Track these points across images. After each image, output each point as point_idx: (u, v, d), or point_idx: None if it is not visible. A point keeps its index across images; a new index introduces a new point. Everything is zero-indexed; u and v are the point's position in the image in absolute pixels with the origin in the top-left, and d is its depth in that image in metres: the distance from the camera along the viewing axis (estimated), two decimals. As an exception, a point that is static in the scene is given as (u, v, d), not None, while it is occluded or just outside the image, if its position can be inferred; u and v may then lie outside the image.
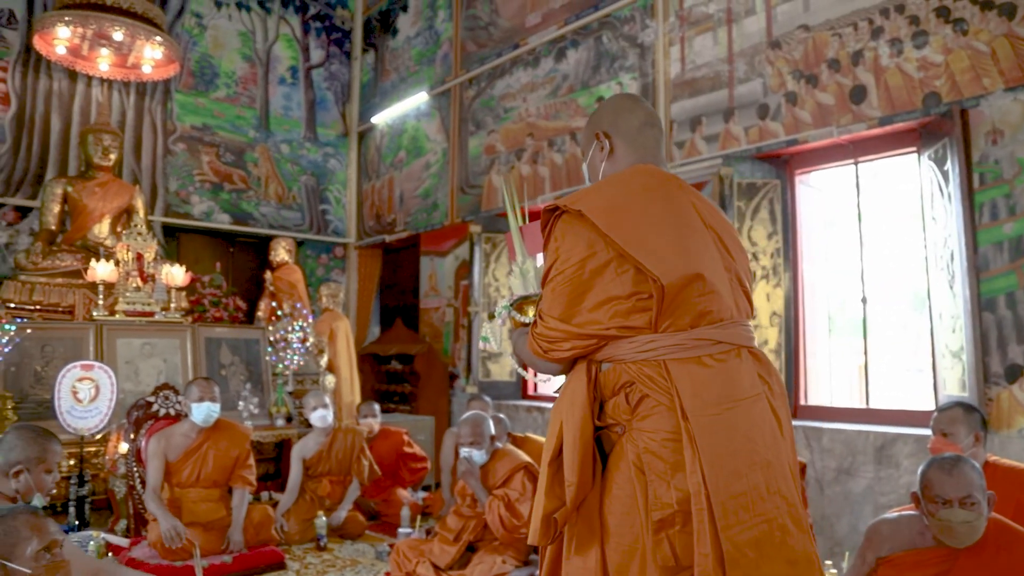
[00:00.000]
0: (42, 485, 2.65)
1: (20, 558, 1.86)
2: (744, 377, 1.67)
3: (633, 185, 1.76)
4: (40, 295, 6.42)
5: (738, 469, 1.57)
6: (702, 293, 1.65)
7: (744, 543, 1.53)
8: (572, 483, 1.65)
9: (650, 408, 1.64)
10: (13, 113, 7.46)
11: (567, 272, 1.69)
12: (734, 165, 5.22)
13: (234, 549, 4.17)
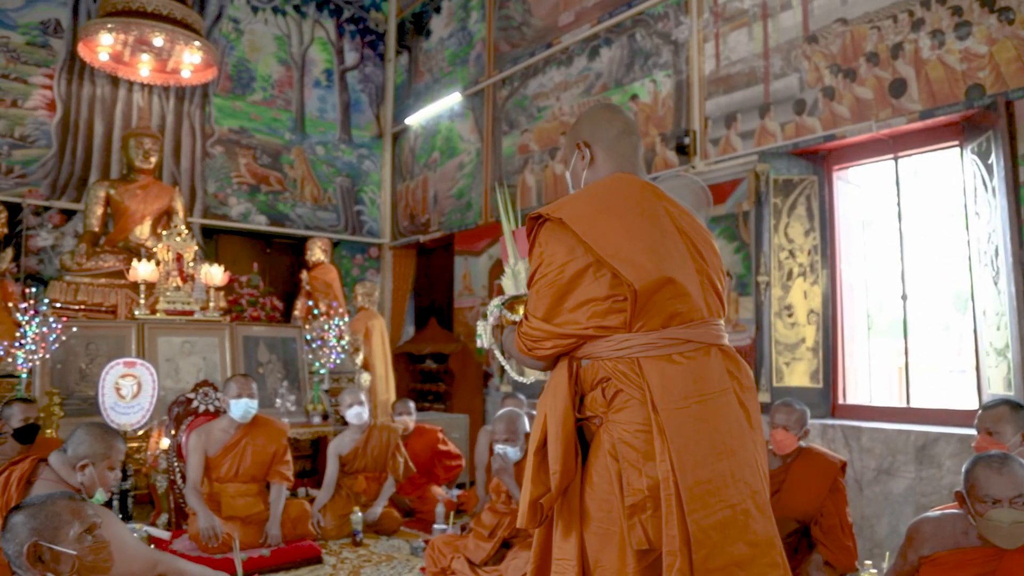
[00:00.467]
0: (105, 481, 2.74)
1: (64, 541, 1.92)
2: (713, 373, 1.79)
3: (611, 194, 1.87)
4: (84, 295, 6.57)
5: (704, 458, 1.70)
6: (673, 296, 1.78)
7: (709, 526, 1.66)
8: (556, 471, 1.78)
9: (624, 402, 1.77)
10: (59, 119, 7.66)
11: (549, 276, 1.82)
12: (770, 161, 5.16)
13: (272, 543, 4.23)
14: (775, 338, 5.14)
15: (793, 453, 3.66)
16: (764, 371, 5.13)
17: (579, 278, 1.80)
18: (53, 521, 1.91)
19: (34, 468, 2.83)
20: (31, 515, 1.90)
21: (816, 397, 5.02)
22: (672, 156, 5.91)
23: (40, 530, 1.88)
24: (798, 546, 3.58)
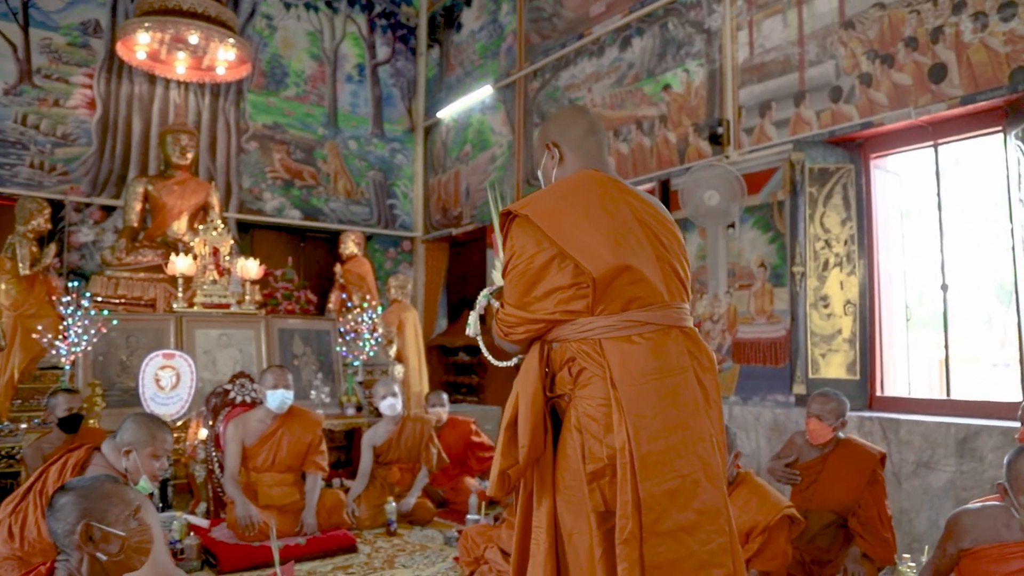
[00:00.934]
0: (150, 468, 2.81)
1: (113, 522, 1.98)
2: (671, 353, 1.93)
3: (573, 190, 2.02)
4: (124, 289, 6.71)
5: (658, 431, 1.85)
6: (631, 282, 1.92)
7: (660, 493, 1.82)
8: (524, 445, 1.93)
9: (588, 379, 1.93)
10: (99, 117, 7.82)
11: (520, 266, 1.98)
12: (805, 150, 5.08)
13: (307, 532, 4.29)
14: (811, 329, 5.07)
15: (830, 444, 3.61)
16: (800, 363, 5.06)
17: (546, 268, 1.95)
18: (102, 503, 1.97)
19: (88, 456, 2.93)
20: (81, 496, 1.96)
21: (853, 389, 4.95)
22: (705, 146, 5.85)
23: (91, 511, 1.94)
24: (835, 538, 3.54)
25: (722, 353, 5.74)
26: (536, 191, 2.11)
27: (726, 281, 5.75)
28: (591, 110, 2.04)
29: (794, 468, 3.71)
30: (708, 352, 2.04)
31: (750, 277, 5.56)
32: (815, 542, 3.53)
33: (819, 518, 3.53)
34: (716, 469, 1.92)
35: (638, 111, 6.53)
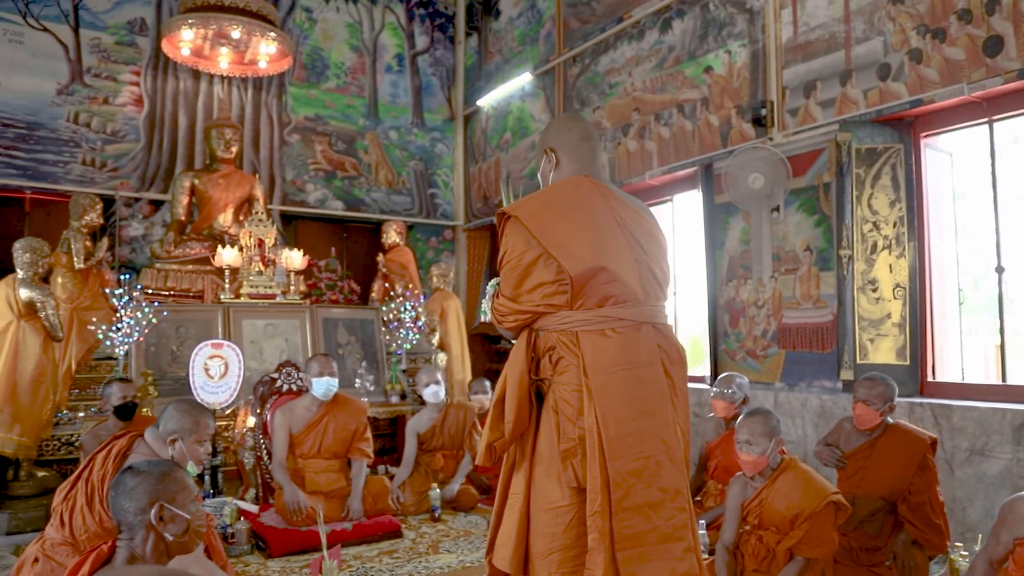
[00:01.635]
0: (195, 454, 2.88)
1: (181, 506, 2.07)
2: (642, 346, 2.14)
3: (561, 195, 2.24)
4: (173, 281, 6.88)
5: (625, 416, 2.06)
6: (606, 281, 2.13)
7: (627, 472, 2.03)
8: (510, 421, 2.18)
9: (565, 367, 2.15)
10: (146, 113, 8.00)
11: (511, 262, 2.21)
12: (852, 130, 4.96)
13: (353, 517, 4.36)
14: (859, 314, 4.96)
15: (878, 429, 3.54)
16: (847, 348, 4.96)
17: (533, 265, 2.17)
18: (173, 486, 2.06)
19: (131, 443, 3.00)
20: (156, 478, 2.04)
21: (903, 375, 4.83)
22: (748, 129, 5.75)
23: (163, 492, 2.03)
24: (884, 524, 3.47)
25: (767, 339, 5.66)
26: (532, 193, 2.32)
27: (771, 266, 5.65)
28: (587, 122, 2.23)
29: (842, 454, 3.65)
30: (678, 346, 2.27)
31: (795, 261, 5.46)
32: (863, 528, 3.47)
33: (867, 504, 3.46)
34: (678, 452, 2.13)
35: (679, 94, 6.44)
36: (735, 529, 3.20)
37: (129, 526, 2.00)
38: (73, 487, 3.01)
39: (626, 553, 2.00)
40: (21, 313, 4.77)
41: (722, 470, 4.17)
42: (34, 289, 4.81)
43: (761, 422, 3.07)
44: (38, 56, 7.45)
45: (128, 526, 2.00)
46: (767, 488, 3.09)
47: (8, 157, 7.28)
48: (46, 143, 7.47)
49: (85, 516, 2.83)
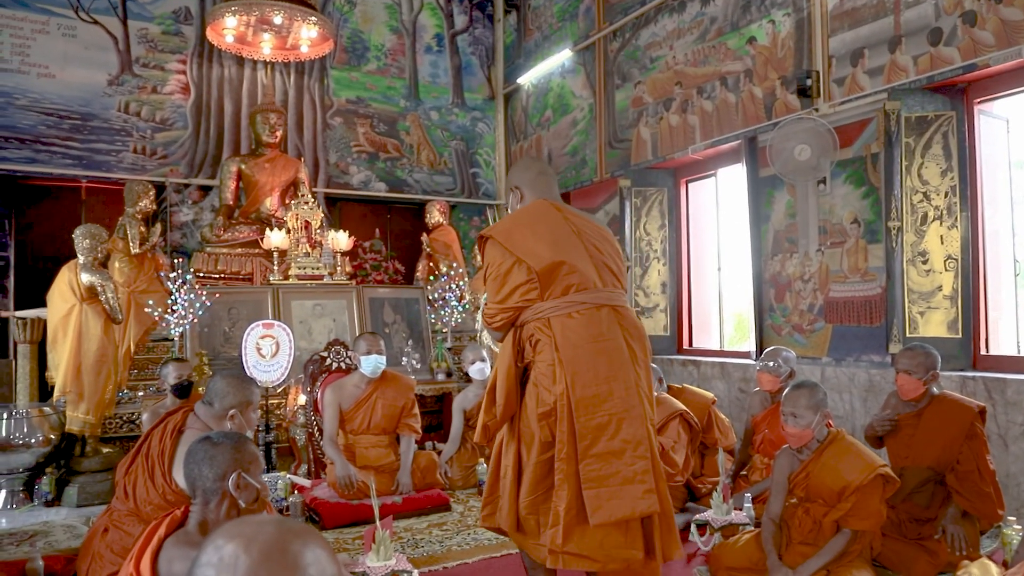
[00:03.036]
0: (251, 423, 3.00)
1: (253, 475, 2.18)
2: (603, 323, 2.57)
3: (525, 215, 2.74)
4: (223, 264, 7.06)
5: (589, 381, 2.47)
6: (567, 273, 2.58)
7: (592, 426, 2.45)
8: (500, 404, 2.61)
9: (541, 348, 2.57)
10: (193, 101, 8.17)
11: (493, 273, 2.68)
12: (901, 99, 4.84)
13: (403, 491, 4.46)
14: (908, 286, 4.88)
15: (923, 399, 3.50)
16: (896, 321, 4.89)
17: (509, 271, 2.63)
18: (248, 456, 2.17)
19: (185, 419, 3.12)
20: (235, 448, 2.15)
21: (955, 348, 4.74)
22: (793, 100, 5.65)
23: (241, 461, 2.14)
24: (933, 495, 3.44)
25: (813, 313, 5.59)
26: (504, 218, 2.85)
27: (817, 239, 5.57)
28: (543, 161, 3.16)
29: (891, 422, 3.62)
30: (635, 322, 2.70)
31: (843, 234, 5.38)
32: (912, 500, 3.44)
33: (915, 475, 3.43)
34: (639, 411, 2.51)
35: (722, 67, 6.35)
36: (782, 502, 3.20)
37: (205, 492, 2.10)
38: (133, 462, 3.15)
39: (591, 491, 2.39)
40: (83, 297, 4.95)
41: (768, 443, 4.16)
42: (94, 273, 4.98)
43: (807, 395, 3.06)
44: (90, 48, 7.66)
45: (204, 492, 2.10)
46: (814, 461, 3.08)
47: (64, 147, 7.52)
48: (99, 133, 7.69)
49: (148, 489, 2.96)
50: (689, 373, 6.68)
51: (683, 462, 3.96)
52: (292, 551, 0.98)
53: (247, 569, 0.94)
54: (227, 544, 0.98)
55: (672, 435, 3.96)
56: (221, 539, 0.99)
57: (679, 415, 4.03)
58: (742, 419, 5.30)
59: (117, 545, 2.89)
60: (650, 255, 7.36)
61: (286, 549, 0.98)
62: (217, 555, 0.97)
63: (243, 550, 0.96)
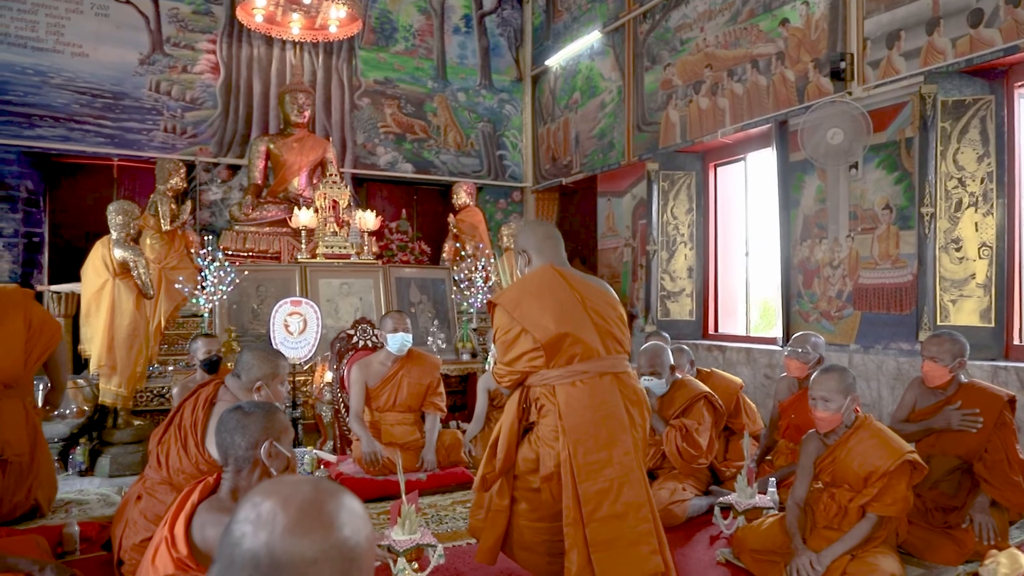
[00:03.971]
0: (279, 395, 3.03)
1: (285, 445, 2.22)
2: (604, 392, 2.71)
3: (532, 283, 2.84)
4: (252, 243, 7.13)
5: (591, 448, 2.62)
6: (571, 344, 2.70)
7: (594, 492, 2.58)
8: (500, 459, 2.82)
9: (545, 412, 2.74)
10: (222, 80, 8.23)
11: (502, 337, 2.83)
12: (938, 82, 4.75)
13: (427, 468, 4.50)
14: (940, 274, 4.81)
15: (950, 387, 3.46)
16: (927, 309, 4.82)
17: (516, 339, 2.77)
18: (280, 426, 2.21)
19: (216, 391, 3.17)
20: (266, 417, 2.19)
21: (987, 337, 4.68)
22: (826, 83, 5.57)
23: (272, 431, 2.18)
24: (960, 484, 3.41)
25: (842, 300, 5.54)
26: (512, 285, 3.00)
27: (847, 224, 5.51)
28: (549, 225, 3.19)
29: (914, 414, 3.59)
30: (635, 389, 2.84)
31: (874, 220, 5.31)
32: (939, 488, 3.42)
33: (942, 464, 3.40)
34: (637, 475, 2.65)
35: (754, 49, 6.27)
36: (807, 486, 3.19)
37: (237, 460, 2.14)
38: (166, 432, 3.21)
39: (600, 555, 2.51)
40: (116, 272, 5.03)
41: (794, 429, 4.14)
42: (127, 249, 5.06)
43: (837, 379, 3.04)
44: (122, 28, 7.73)
45: (236, 460, 2.14)
46: (841, 446, 3.06)
47: (97, 126, 7.61)
48: (131, 112, 7.78)
49: (181, 458, 3.02)
50: (714, 358, 6.65)
51: (707, 444, 3.96)
52: (328, 510, 1.00)
53: (284, 527, 0.97)
54: (264, 501, 1.00)
55: (696, 417, 3.95)
56: (259, 496, 1.01)
57: (703, 397, 4.02)
58: (767, 405, 5.27)
59: (150, 512, 2.96)
60: (677, 239, 7.32)
61: (322, 508, 1.00)
62: (255, 512, 0.99)
63: (280, 508, 0.98)
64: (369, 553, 1.03)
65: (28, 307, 3.75)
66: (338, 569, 0.98)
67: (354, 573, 1.00)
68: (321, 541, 0.97)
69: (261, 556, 0.96)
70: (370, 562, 1.04)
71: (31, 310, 3.76)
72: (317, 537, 0.97)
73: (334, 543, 0.98)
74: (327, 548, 0.97)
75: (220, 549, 1.00)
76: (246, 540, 0.97)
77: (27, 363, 3.71)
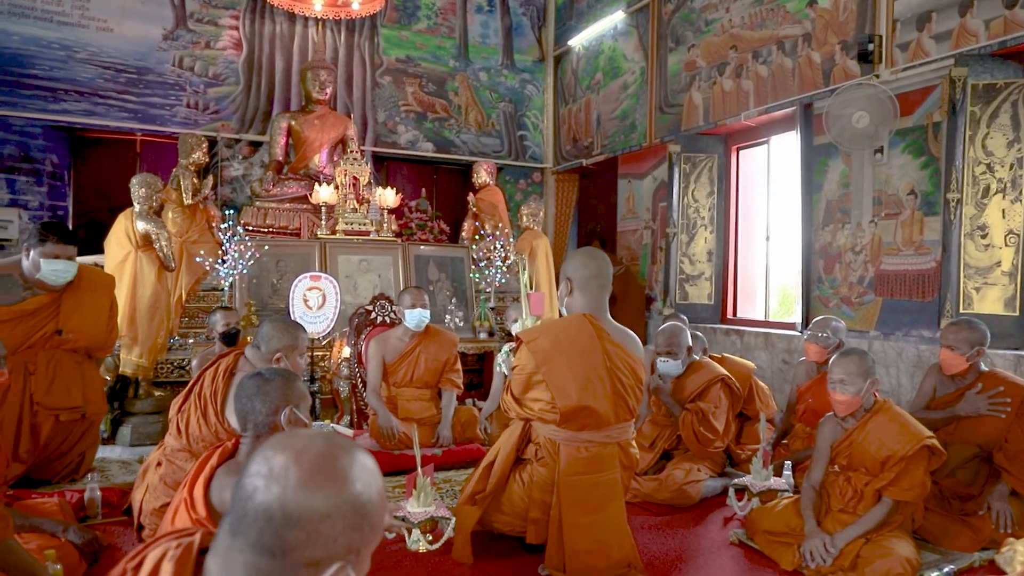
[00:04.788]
0: (297, 367, 3.05)
1: (303, 412, 2.25)
2: (604, 461, 2.84)
3: (565, 335, 2.86)
4: (272, 219, 7.16)
5: (582, 511, 2.77)
6: (587, 415, 2.79)
7: (581, 550, 2.74)
8: (492, 482, 2.98)
9: (544, 463, 2.89)
10: (245, 57, 8.24)
11: (522, 374, 2.90)
12: (970, 65, 4.67)
13: (443, 444, 4.53)
14: (965, 261, 4.75)
15: (969, 375, 3.42)
16: (950, 296, 4.77)
17: (537, 384, 2.86)
18: (298, 393, 2.24)
19: (236, 361, 3.20)
20: (286, 384, 2.21)
21: (1012, 326, 4.62)
22: (853, 66, 5.48)
23: (291, 397, 2.20)
24: (978, 473, 3.38)
25: (863, 286, 5.48)
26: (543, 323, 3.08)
27: (871, 210, 5.44)
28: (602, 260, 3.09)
29: (934, 402, 3.56)
30: (632, 457, 2.98)
31: (898, 205, 5.24)
32: (956, 476, 3.39)
33: (960, 452, 3.37)
34: (625, 538, 2.84)
35: (780, 30, 6.18)
36: (823, 469, 3.18)
37: (256, 426, 2.16)
38: (186, 400, 3.26)
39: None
40: (138, 244, 5.08)
41: (811, 413, 4.11)
42: (149, 221, 5.10)
43: (857, 362, 3.01)
44: (145, 3, 7.76)
45: (256, 426, 2.16)
46: (858, 429, 3.04)
47: (121, 101, 7.67)
48: (154, 87, 7.82)
49: (200, 426, 3.06)
50: (732, 343, 6.62)
51: (723, 427, 3.94)
52: (341, 465, 1.00)
53: (296, 480, 0.97)
54: (277, 455, 1.00)
55: (713, 399, 3.94)
56: (271, 450, 1.01)
57: (721, 380, 4.01)
58: (784, 390, 5.24)
59: (170, 478, 3.00)
60: (697, 222, 7.27)
61: (335, 463, 1.00)
62: (267, 465, 0.99)
63: (293, 462, 0.99)
64: (381, 508, 1.04)
65: (112, 289, 4.16)
66: (350, 523, 0.98)
67: (366, 528, 1.00)
68: (334, 496, 0.98)
69: (274, 510, 0.96)
70: (381, 517, 1.04)
71: (114, 294, 4.16)
72: (330, 491, 0.98)
73: (347, 498, 0.98)
74: (340, 503, 0.98)
75: (233, 502, 1.01)
76: (258, 494, 0.97)
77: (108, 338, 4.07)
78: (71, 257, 3.71)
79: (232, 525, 0.99)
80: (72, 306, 3.79)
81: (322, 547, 0.97)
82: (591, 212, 9.53)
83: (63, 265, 3.67)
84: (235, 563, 0.98)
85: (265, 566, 0.96)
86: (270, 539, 0.96)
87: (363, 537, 1.00)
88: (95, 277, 4.04)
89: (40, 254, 3.61)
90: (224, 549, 1.00)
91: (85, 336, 3.85)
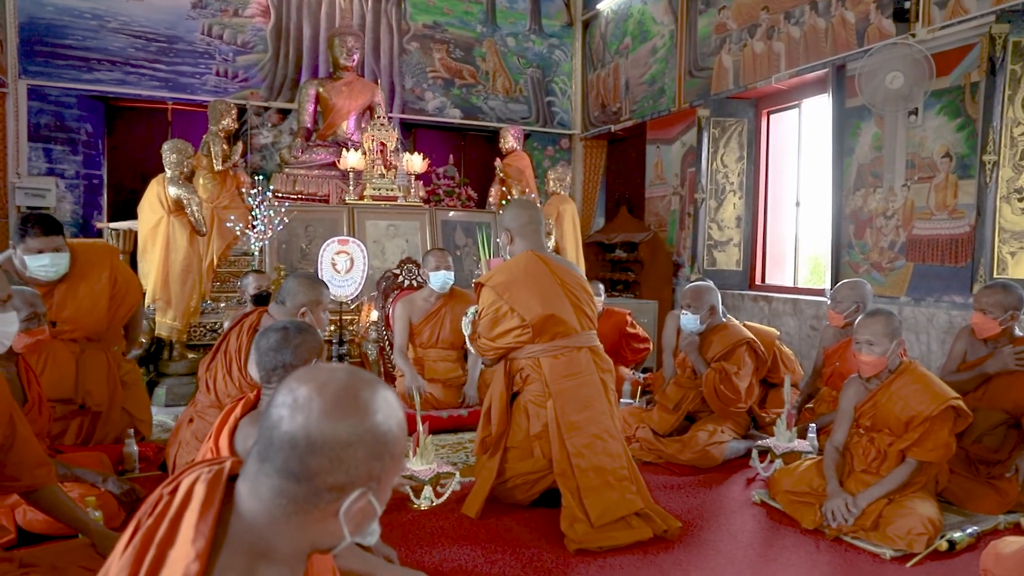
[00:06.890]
0: (321, 322, 3.12)
1: None
2: (581, 363, 3.15)
3: (517, 268, 3.20)
4: (301, 185, 7.22)
5: (574, 409, 3.07)
6: (554, 324, 3.13)
7: (581, 445, 3.01)
8: (494, 423, 3.24)
9: (531, 381, 3.18)
10: (273, 24, 8.26)
11: (488, 314, 3.20)
12: (1013, 21, 4.53)
13: (469, 403, 4.59)
14: (1000, 225, 4.66)
15: (1002, 340, 3.38)
16: (984, 261, 4.69)
17: (503, 316, 3.16)
18: (319, 345, 2.27)
19: (260, 318, 3.28)
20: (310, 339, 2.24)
21: (1047, 290, 4.52)
22: (888, 25, 5.35)
23: (314, 349, 2.23)
24: (1005, 438, 3.35)
25: (894, 251, 5.40)
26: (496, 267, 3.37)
27: (904, 173, 5.34)
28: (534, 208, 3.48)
29: (964, 365, 3.52)
30: (606, 359, 3.27)
31: (932, 168, 5.14)
32: (982, 441, 3.37)
33: (988, 418, 3.34)
34: (614, 432, 3.12)
35: (813, -11, 6.03)
36: (847, 430, 3.18)
37: (282, 379, 2.19)
38: (213, 359, 3.35)
39: (589, 499, 2.91)
40: (170, 209, 5.17)
41: (837, 376, 4.10)
42: (181, 187, 5.19)
43: (883, 322, 2.99)
44: (174, -31, 7.79)
45: (280, 378, 2.20)
46: (883, 390, 3.03)
47: (152, 70, 7.74)
48: (184, 55, 7.88)
49: (227, 383, 3.15)
50: (760, 309, 6.58)
51: (747, 389, 3.95)
52: (363, 396, 1.05)
53: (320, 411, 1.02)
54: (301, 387, 1.05)
55: (737, 362, 3.94)
56: (295, 382, 1.06)
57: (746, 343, 4.00)
58: (811, 357, 5.21)
59: (201, 433, 3.10)
60: (726, 188, 7.20)
61: (357, 394, 1.05)
62: (291, 396, 1.04)
63: (316, 393, 1.03)
64: (401, 438, 1.08)
65: (114, 264, 3.78)
66: (371, 452, 1.03)
67: (386, 457, 1.05)
68: (356, 425, 1.02)
69: (299, 438, 1.01)
70: (402, 448, 1.09)
71: (116, 267, 3.78)
72: (352, 421, 1.02)
73: (368, 427, 1.03)
74: (361, 432, 1.02)
75: (259, 432, 1.06)
76: (284, 423, 1.02)
77: (112, 321, 3.75)
78: (57, 248, 3.41)
79: (260, 452, 1.05)
80: (65, 296, 3.54)
81: (344, 473, 1.02)
82: (619, 178, 9.46)
83: (49, 259, 3.39)
84: (263, 487, 1.04)
85: (291, 490, 1.02)
86: (295, 465, 1.01)
87: (383, 466, 1.05)
88: (90, 257, 3.70)
89: (24, 250, 3.35)
90: (252, 474, 1.05)
91: (80, 326, 3.58)
